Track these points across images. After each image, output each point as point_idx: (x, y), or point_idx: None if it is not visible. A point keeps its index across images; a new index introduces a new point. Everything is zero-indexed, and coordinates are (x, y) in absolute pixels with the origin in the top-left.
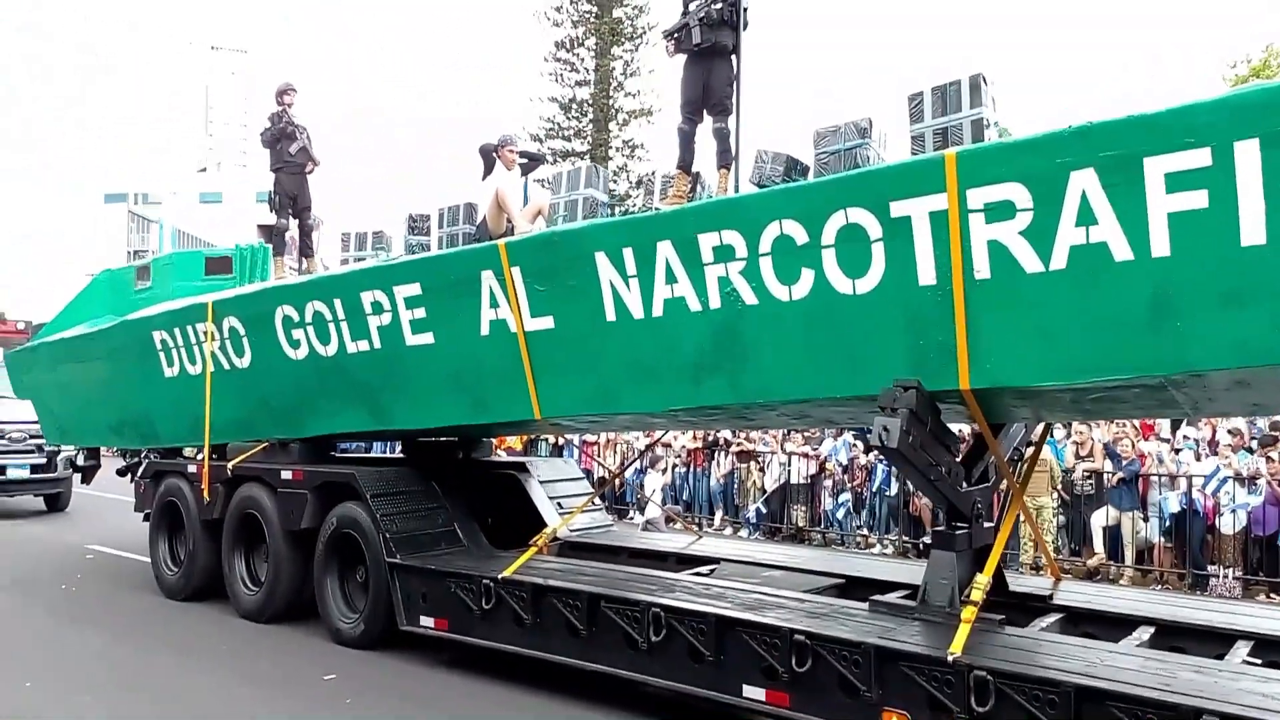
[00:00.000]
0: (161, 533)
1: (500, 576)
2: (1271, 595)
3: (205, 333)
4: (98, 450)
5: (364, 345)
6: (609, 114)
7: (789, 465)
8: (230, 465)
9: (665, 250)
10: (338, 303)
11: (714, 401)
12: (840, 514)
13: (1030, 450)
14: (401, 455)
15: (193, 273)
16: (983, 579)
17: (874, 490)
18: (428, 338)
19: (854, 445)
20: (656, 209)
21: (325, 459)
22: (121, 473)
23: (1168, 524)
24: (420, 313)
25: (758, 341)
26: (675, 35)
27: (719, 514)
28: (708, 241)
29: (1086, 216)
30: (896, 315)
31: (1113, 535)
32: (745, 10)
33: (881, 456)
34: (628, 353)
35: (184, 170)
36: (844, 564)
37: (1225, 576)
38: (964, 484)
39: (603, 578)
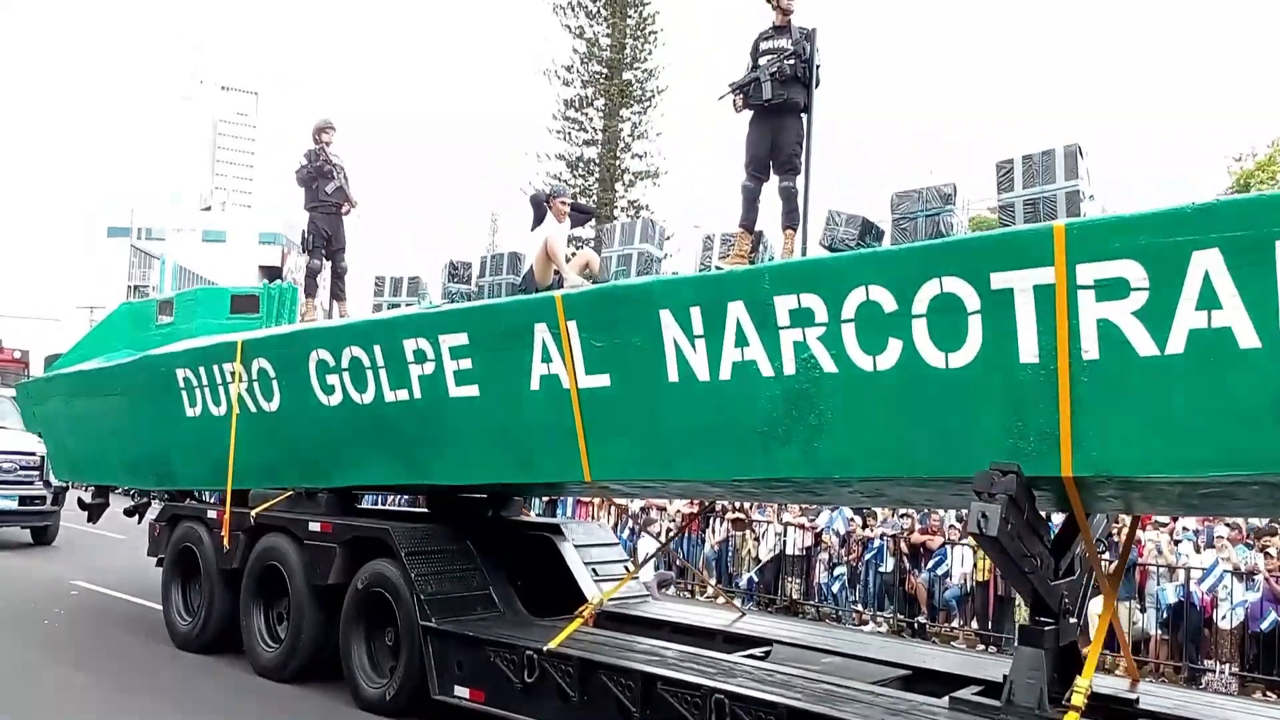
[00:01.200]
0: (175, 579)
1: (546, 648)
2: (1269, 694)
3: (233, 373)
4: (107, 489)
5: (403, 395)
6: (615, 174)
7: (784, 535)
8: (254, 513)
9: (737, 311)
10: (377, 349)
11: (785, 474)
12: (835, 588)
13: (1122, 543)
14: (426, 510)
15: (218, 310)
16: (1084, 682)
17: (869, 565)
18: (473, 390)
19: (851, 519)
20: (717, 268)
21: (352, 511)
22: (130, 513)
23: (1164, 615)
24: (466, 364)
25: (836, 413)
26: (743, 89)
27: (712, 581)
28: (785, 304)
29: (1209, 299)
30: (993, 393)
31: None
32: (818, 68)
33: (972, 540)
34: (690, 417)
35: (188, 208)
36: (903, 652)
37: (1221, 672)
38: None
39: (655, 656)
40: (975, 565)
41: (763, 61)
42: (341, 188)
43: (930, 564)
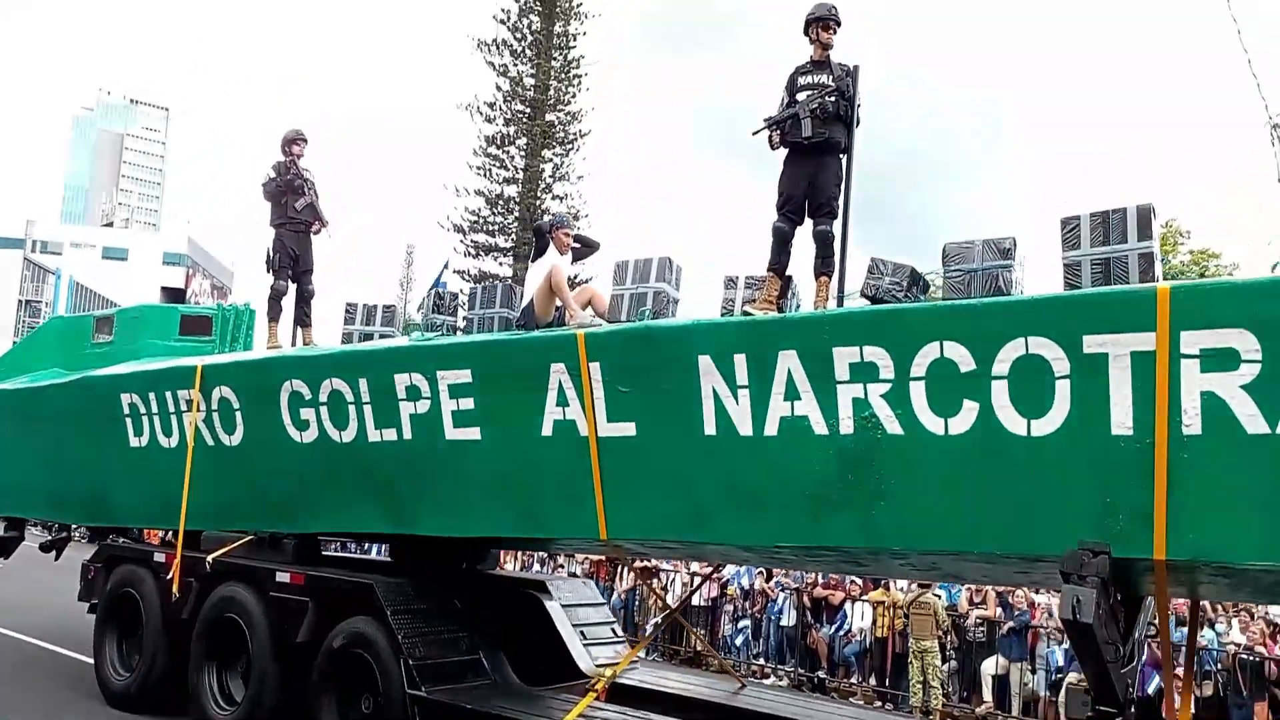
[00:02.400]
0: (111, 628)
1: None
2: None
3: (189, 401)
4: (23, 522)
5: (391, 435)
6: (536, 214)
7: (691, 585)
8: (210, 558)
9: (789, 361)
10: (363, 383)
11: (836, 542)
12: (739, 640)
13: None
14: (389, 560)
15: (165, 330)
16: None
17: (771, 618)
18: (473, 433)
19: (758, 571)
20: (744, 313)
21: (320, 560)
22: (46, 549)
23: (1054, 677)
24: (468, 403)
25: (900, 479)
26: (780, 126)
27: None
28: (845, 356)
29: None
30: (1079, 466)
31: (1001, 684)
32: (859, 106)
33: (1063, 626)
34: (728, 475)
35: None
36: None
37: None
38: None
39: None
40: (875, 622)
41: (801, 97)
42: (312, 205)
43: (832, 619)
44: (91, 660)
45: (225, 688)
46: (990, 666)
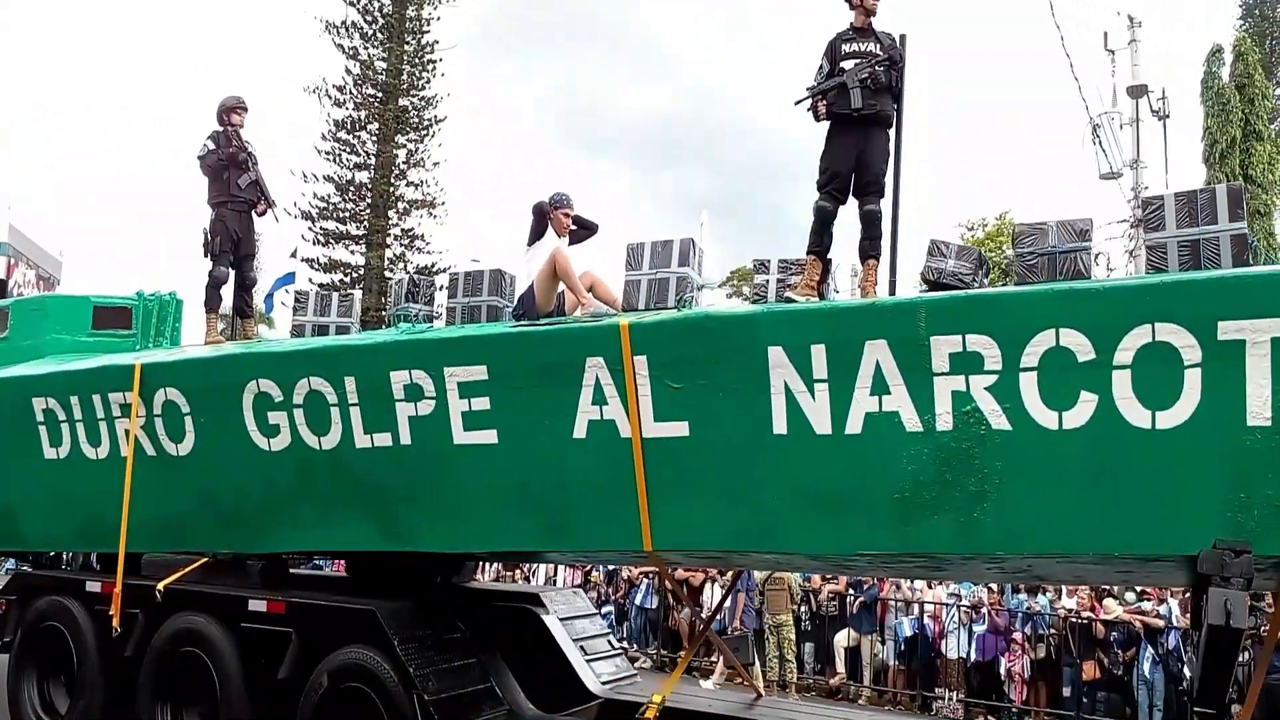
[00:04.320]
0: (29, 671)
1: None
2: (988, 717)
3: (124, 406)
4: None
5: (384, 440)
6: (389, 201)
7: (555, 573)
8: (161, 585)
9: (877, 351)
10: (350, 381)
11: (929, 549)
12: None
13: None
14: (344, 575)
15: (75, 324)
16: None
17: (635, 603)
18: (488, 436)
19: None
20: (787, 299)
21: (287, 582)
22: None
23: (902, 647)
24: (482, 403)
25: (1005, 478)
26: (825, 96)
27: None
28: (944, 346)
29: None
30: (1210, 460)
31: (853, 656)
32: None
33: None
34: (801, 478)
35: None
36: None
37: (949, 699)
38: None
39: None
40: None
41: (847, 66)
42: (257, 181)
43: (696, 600)
44: None
45: None
46: (842, 639)
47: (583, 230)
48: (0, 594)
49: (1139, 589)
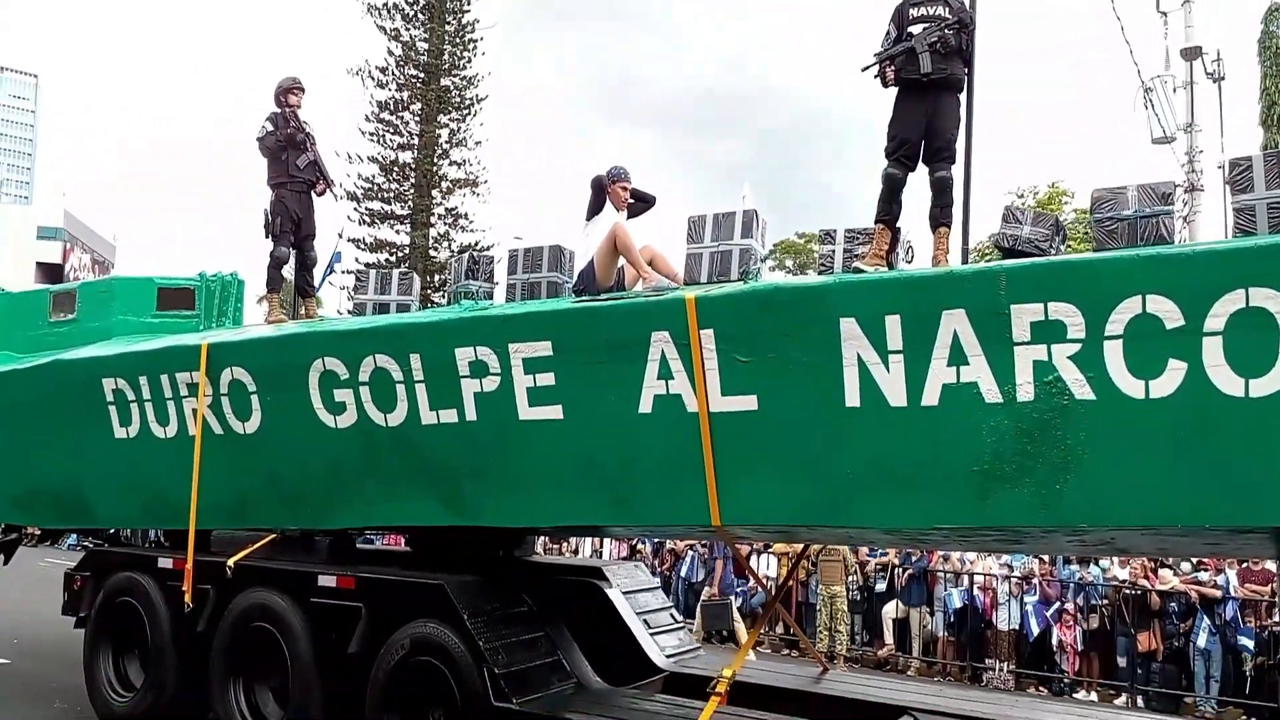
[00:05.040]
0: (105, 645)
1: None
2: (1039, 688)
3: (191, 385)
4: None
5: (450, 416)
6: (432, 180)
7: (601, 546)
8: (231, 562)
9: (955, 322)
10: (415, 359)
11: (1009, 522)
12: None
13: None
14: (407, 550)
15: (140, 305)
16: None
17: (680, 575)
18: (553, 412)
19: None
20: (856, 269)
21: (354, 557)
22: None
23: (951, 619)
24: (547, 379)
25: (1089, 449)
26: (893, 61)
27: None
28: (1026, 314)
29: None
30: None
31: (901, 628)
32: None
33: None
34: (874, 451)
35: None
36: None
37: (999, 670)
38: None
39: None
40: (778, 574)
41: (916, 30)
42: (316, 163)
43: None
44: (64, 680)
45: (256, 707)
46: (890, 611)
47: (640, 203)
48: (75, 571)
49: (1195, 559)
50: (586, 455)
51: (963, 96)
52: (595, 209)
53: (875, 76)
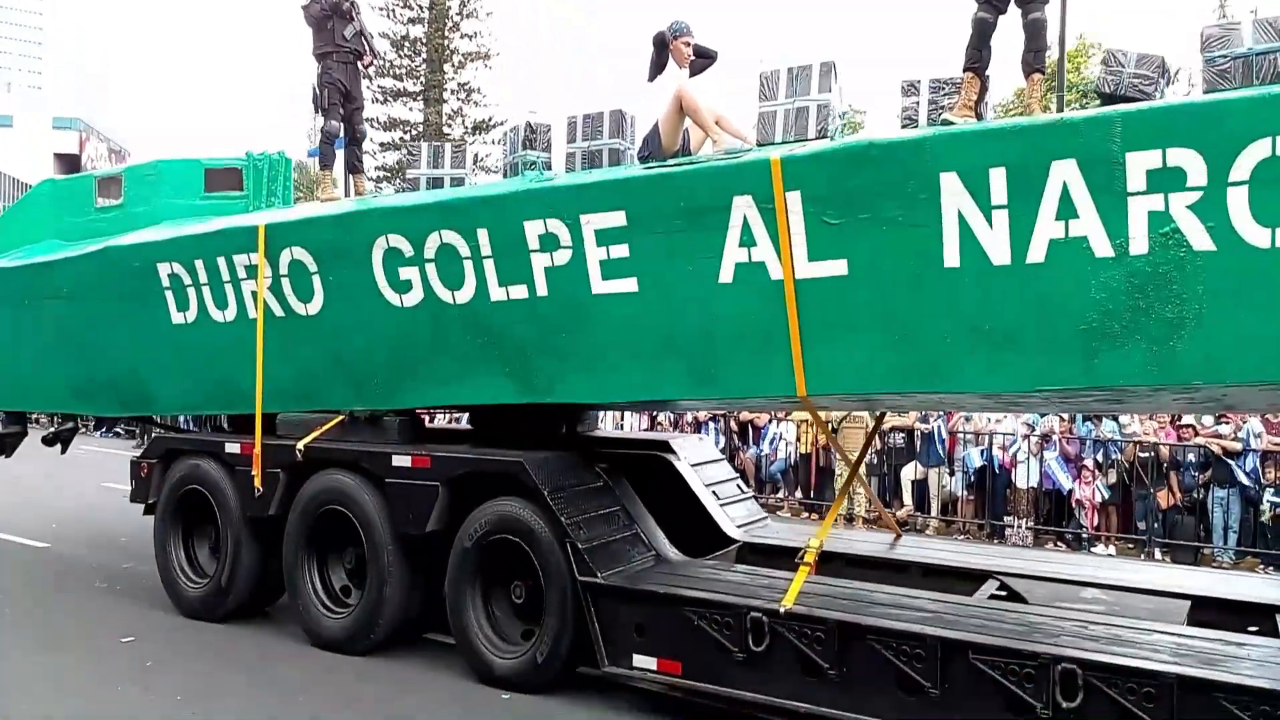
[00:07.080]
0: (175, 532)
1: (783, 609)
2: (1058, 543)
3: (249, 267)
4: (24, 415)
5: (520, 292)
6: (444, 55)
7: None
8: (301, 445)
9: (1064, 172)
10: (482, 234)
11: (1118, 382)
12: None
13: None
14: (469, 428)
15: (187, 188)
16: None
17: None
18: (628, 285)
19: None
20: (944, 121)
21: (424, 437)
22: (49, 441)
23: (971, 479)
24: (621, 250)
25: (1208, 303)
26: None
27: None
28: (1141, 162)
29: None
30: None
31: (920, 488)
32: None
33: None
34: (975, 312)
35: None
36: (1140, 574)
37: (1019, 527)
38: None
39: (925, 613)
40: (798, 439)
41: None
42: (361, 33)
43: (758, 440)
44: (102, 561)
45: (331, 588)
46: (910, 472)
47: (702, 59)
48: (142, 458)
49: (1218, 414)
50: (664, 328)
51: None
52: (658, 68)
53: None
